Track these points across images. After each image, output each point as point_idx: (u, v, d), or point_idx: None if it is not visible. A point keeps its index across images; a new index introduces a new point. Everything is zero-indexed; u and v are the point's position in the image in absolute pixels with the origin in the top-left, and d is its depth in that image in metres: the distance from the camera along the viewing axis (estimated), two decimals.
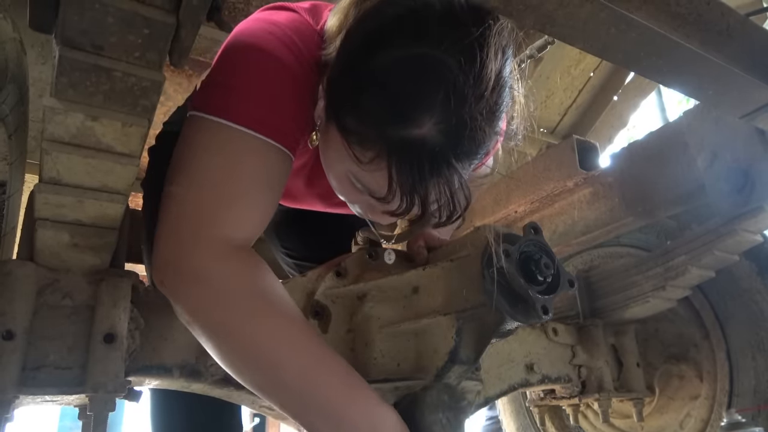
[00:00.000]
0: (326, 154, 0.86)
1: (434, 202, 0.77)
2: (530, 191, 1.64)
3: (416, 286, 1.00)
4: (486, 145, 0.77)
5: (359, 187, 0.81)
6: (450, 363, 0.93)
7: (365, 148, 0.74)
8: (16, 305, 0.84)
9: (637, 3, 0.65)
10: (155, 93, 0.60)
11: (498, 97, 0.75)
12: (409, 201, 0.75)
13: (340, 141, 0.77)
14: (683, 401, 1.55)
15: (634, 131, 3.63)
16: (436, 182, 0.74)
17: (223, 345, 0.81)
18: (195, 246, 0.79)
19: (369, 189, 0.79)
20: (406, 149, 0.72)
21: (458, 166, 0.74)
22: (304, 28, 0.87)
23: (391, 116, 0.72)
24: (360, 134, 0.74)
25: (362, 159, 0.75)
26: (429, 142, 0.72)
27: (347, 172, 0.81)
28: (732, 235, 1.23)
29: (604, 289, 1.54)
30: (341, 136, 0.77)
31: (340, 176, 0.84)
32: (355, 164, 0.76)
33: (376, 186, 0.78)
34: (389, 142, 0.72)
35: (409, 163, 0.73)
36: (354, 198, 0.87)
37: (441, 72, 0.70)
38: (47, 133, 0.61)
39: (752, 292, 1.41)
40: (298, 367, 0.79)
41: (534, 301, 0.83)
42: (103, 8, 0.51)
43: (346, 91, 0.76)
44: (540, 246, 0.89)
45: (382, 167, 0.74)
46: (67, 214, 0.75)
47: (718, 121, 1.24)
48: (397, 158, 0.73)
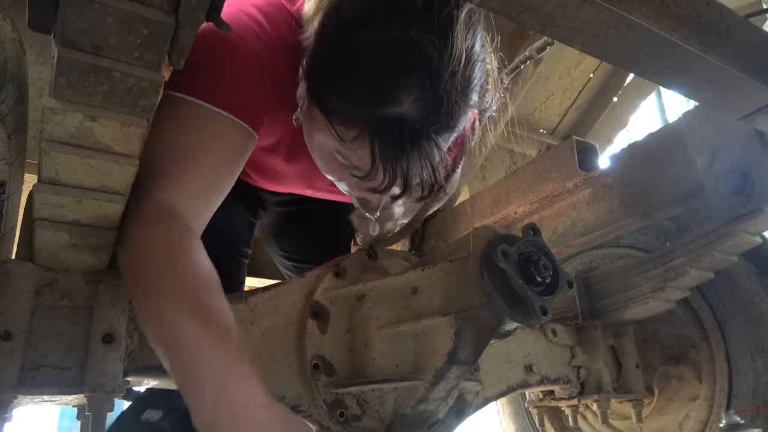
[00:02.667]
0: (310, 134, 0.89)
1: (416, 176, 0.80)
2: (530, 192, 1.64)
3: (415, 287, 1.00)
4: (462, 118, 0.81)
5: (345, 163, 0.84)
6: (449, 364, 0.93)
7: (348, 127, 0.78)
8: (14, 305, 0.84)
9: (636, 4, 0.65)
10: (154, 93, 0.60)
11: (471, 73, 0.79)
12: (392, 176, 0.79)
13: (323, 121, 0.81)
14: (682, 402, 1.55)
15: (633, 132, 3.63)
16: (417, 157, 0.78)
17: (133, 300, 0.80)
18: (134, 211, 0.79)
19: (353, 166, 0.83)
20: (387, 127, 0.76)
21: (437, 140, 0.79)
22: (276, 11, 0.91)
23: (371, 96, 0.76)
24: (342, 114, 0.78)
25: (345, 138, 0.79)
26: (408, 118, 0.76)
27: (332, 150, 0.84)
28: (731, 236, 1.23)
29: (603, 290, 1.54)
30: (324, 116, 0.80)
31: (325, 154, 0.87)
32: (339, 143, 0.80)
33: (359, 162, 0.81)
34: (370, 120, 0.76)
35: (390, 140, 0.76)
36: (340, 175, 0.89)
37: (416, 52, 0.74)
38: (46, 133, 0.61)
39: (751, 294, 1.41)
40: (175, 330, 0.73)
41: (533, 302, 0.83)
42: (102, 8, 0.51)
43: (326, 73, 0.79)
44: (539, 247, 0.89)
45: (364, 145, 0.78)
46: (65, 214, 0.75)
47: (718, 122, 1.24)
48: (378, 136, 0.76)
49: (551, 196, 1.60)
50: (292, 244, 1.53)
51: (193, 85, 0.84)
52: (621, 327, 1.53)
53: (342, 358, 1.05)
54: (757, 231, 1.24)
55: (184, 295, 0.74)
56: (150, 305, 0.76)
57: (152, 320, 0.76)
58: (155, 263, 0.78)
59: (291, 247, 1.54)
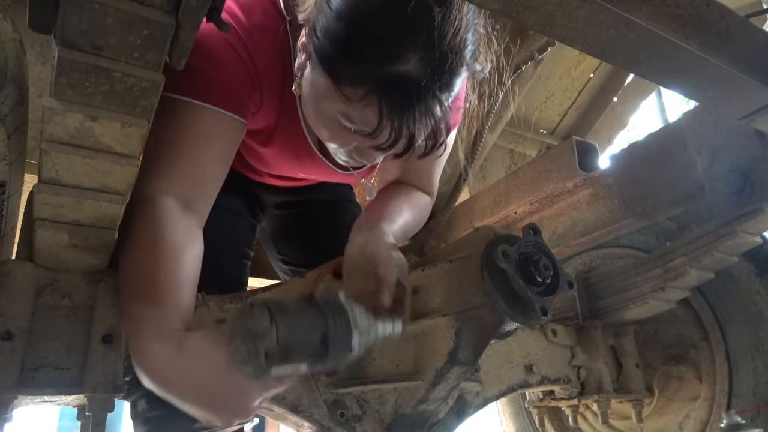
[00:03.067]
0: (314, 101, 0.91)
1: (420, 132, 0.85)
2: (530, 192, 1.64)
3: (415, 287, 1.00)
4: (461, 78, 0.86)
5: (349, 126, 0.87)
6: (449, 364, 0.93)
7: (355, 87, 0.81)
8: (14, 305, 0.84)
9: (636, 4, 0.65)
10: (154, 94, 0.60)
11: (467, 34, 0.84)
12: (398, 133, 0.83)
13: (330, 85, 0.84)
14: (682, 402, 1.55)
15: (633, 132, 3.63)
16: (422, 114, 0.83)
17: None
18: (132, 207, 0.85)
19: (359, 126, 0.86)
20: (394, 85, 0.80)
21: (440, 97, 0.83)
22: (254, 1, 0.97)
23: (379, 55, 0.79)
24: (350, 75, 0.82)
25: (352, 98, 0.82)
26: (414, 76, 0.80)
27: (337, 113, 0.87)
28: (731, 236, 1.23)
29: (603, 291, 1.54)
30: (331, 79, 0.83)
31: (329, 120, 0.89)
32: (345, 104, 0.84)
33: (365, 122, 0.84)
34: (378, 79, 0.80)
35: (398, 97, 0.80)
36: (343, 140, 0.91)
37: (422, 12, 0.78)
38: (46, 133, 0.61)
39: (751, 293, 1.41)
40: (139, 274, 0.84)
41: (533, 302, 0.83)
42: (102, 9, 0.51)
43: (334, 37, 0.82)
44: (539, 247, 0.89)
45: (372, 103, 0.81)
46: (66, 214, 0.75)
47: (718, 122, 1.24)
48: (386, 94, 0.80)
49: (551, 196, 1.60)
50: (290, 248, 1.54)
51: (178, 83, 0.88)
52: (621, 327, 1.53)
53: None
54: (757, 231, 1.24)
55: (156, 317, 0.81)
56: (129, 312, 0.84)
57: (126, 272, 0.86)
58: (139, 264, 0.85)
59: (288, 251, 1.55)
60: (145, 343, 0.79)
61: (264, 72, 0.97)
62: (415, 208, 1.16)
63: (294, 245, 1.53)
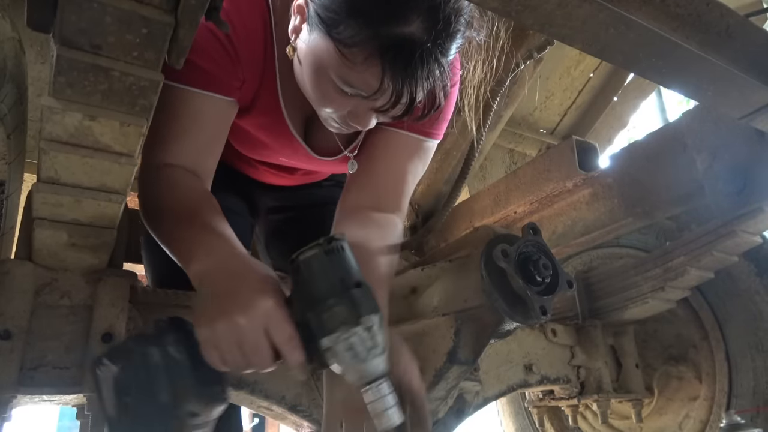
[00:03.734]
0: (309, 65, 0.91)
1: (420, 95, 0.85)
2: (530, 192, 1.64)
3: (415, 287, 1.00)
4: (459, 42, 0.87)
5: (346, 89, 0.87)
6: (449, 363, 0.93)
7: (358, 49, 0.81)
8: (13, 305, 0.84)
9: (636, 3, 0.65)
10: (153, 92, 0.60)
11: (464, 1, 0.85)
12: (399, 95, 0.83)
13: (330, 47, 0.84)
14: (682, 402, 1.55)
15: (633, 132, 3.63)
16: (423, 76, 0.83)
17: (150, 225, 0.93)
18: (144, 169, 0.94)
19: (357, 89, 0.86)
20: (398, 46, 0.80)
21: (441, 60, 0.84)
22: None
23: (384, 16, 0.80)
24: (353, 37, 0.81)
25: (354, 60, 0.82)
26: (417, 38, 0.80)
27: (335, 76, 0.87)
28: (731, 236, 1.23)
29: (603, 290, 1.54)
30: (332, 41, 0.83)
31: (325, 83, 0.89)
32: (346, 67, 0.83)
33: (365, 85, 0.85)
34: (382, 40, 0.80)
35: (401, 59, 0.81)
36: (338, 104, 0.91)
37: None
38: (45, 132, 0.61)
39: (751, 293, 1.41)
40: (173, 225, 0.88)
41: (532, 302, 0.83)
42: (101, 8, 0.51)
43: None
44: (539, 247, 0.89)
45: (374, 64, 0.81)
46: (65, 213, 0.75)
47: (718, 122, 1.24)
48: (389, 55, 0.80)
49: (551, 195, 1.60)
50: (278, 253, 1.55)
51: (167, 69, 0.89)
52: (621, 327, 1.53)
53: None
54: (757, 231, 1.24)
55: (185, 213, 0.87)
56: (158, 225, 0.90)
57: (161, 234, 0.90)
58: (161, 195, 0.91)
59: (276, 255, 1.55)
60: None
61: (243, 46, 0.97)
62: (392, 251, 1.05)
63: (283, 251, 1.53)
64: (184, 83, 0.93)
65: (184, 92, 0.94)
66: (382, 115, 0.92)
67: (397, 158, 1.13)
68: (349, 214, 1.09)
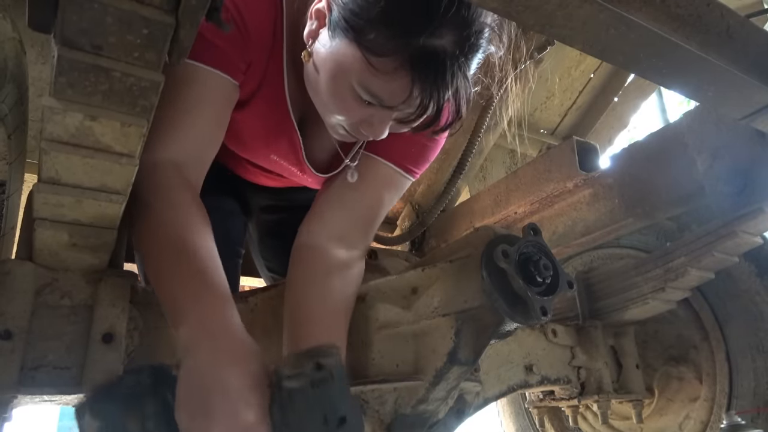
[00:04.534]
0: (328, 71, 0.90)
1: (445, 107, 0.86)
2: (530, 192, 1.64)
3: (415, 287, 1.00)
4: (480, 58, 0.88)
5: (366, 98, 0.87)
6: (449, 364, 0.93)
7: (388, 58, 0.81)
8: (14, 305, 0.84)
9: (636, 4, 0.65)
10: (154, 93, 0.60)
11: (489, 15, 0.86)
12: (425, 106, 0.84)
13: (356, 54, 0.83)
14: (682, 403, 1.55)
15: (634, 132, 3.63)
16: (451, 88, 0.84)
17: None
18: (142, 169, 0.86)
19: (380, 98, 0.86)
20: (429, 58, 0.81)
21: (467, 74, 0.85)
22: None
23: (418, 27, 0.80)
24: (384, 45, 0.81)
25: (381, 69, 0.82)
26: (448, 51, 0.81)
27: (356, 84, 0.86)
28: (731, 236, 1.23)
29: (603, 291, 1.54)
30: (360, 49, 0.83)
31: (343, 90, 0.88)
32: (371, 74, 0.83)
33: (390, 94, 0.85)
34: (413, 51, 0.80)
35: (432, 71, 0.81)
36: (354, 112, 0.90)
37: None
38: (46, 132, 0.61)
39: (751, 294, 1.41)
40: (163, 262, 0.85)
41: (533, 302, 0.83)
42: (102, 8, 0.51)
43: (367, 5, 0.82)
44: (539, 247, 0.89)
45: (403, 75, 0.82)
46: (65, 213, 0.75)
47: (719, 122, 1.24)
48: (420, 66, 0.81)
49: (551, 196, 1.60)
50: (274, 254, 1.55)
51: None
52: (621, 327, 1.53)
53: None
54: (757, 231, 1.24)
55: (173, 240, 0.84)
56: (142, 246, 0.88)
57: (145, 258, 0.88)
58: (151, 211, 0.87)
59: (272, 257, 1.55)
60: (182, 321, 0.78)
61: (254, 31, 0.96)
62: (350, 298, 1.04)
63: (277, 252, 1.53)
64: (191, 58, 0.90)
65: (189, 68, 0.90)
66: (403, 125, 0.92)
67: (375, 187, 1.12)
68: (312, 254, 1.07)
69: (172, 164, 0.91)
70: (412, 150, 1.14)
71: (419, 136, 1.13)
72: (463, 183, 2.01)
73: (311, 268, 1.05)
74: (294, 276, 1.06)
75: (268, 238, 1.55)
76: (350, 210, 1.12)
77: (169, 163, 0.91)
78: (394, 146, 1.12)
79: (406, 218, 2.12)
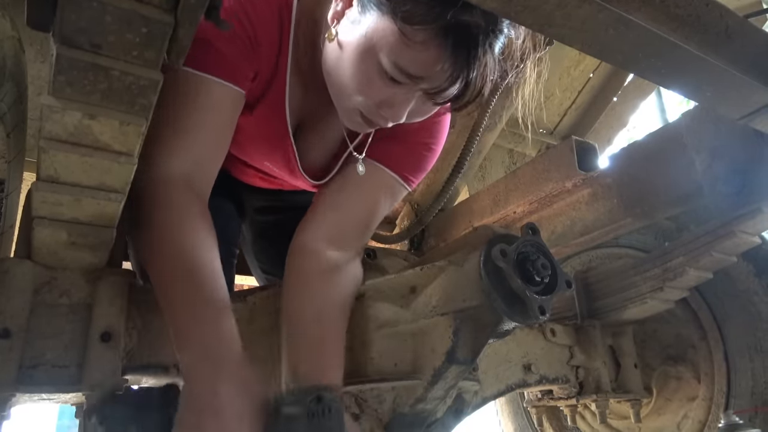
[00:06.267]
0: (355, 47, 0.90)
1: (473, 81, 0.87)
2: (529, 192, 1.64)
3: (414, 286, 1.00)
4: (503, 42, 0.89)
5: (392, 74, 0.87)
6: (447, 363, 0.93)
7: (423, 27, 0.82)
8: (13, 303, 0.84)
9: (635, 4, 0.65)
10: (153, 92, 0.60)
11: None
12: (454, 78, 0.85)
13: (390, 26, 0.84)
14: (681, 402, 1.55)
15: (633, 132, 3.63)
16: (480, 63, 0.85)
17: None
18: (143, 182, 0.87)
19: (408, 71, 0.86)
20: (463, 30, 0.82)
21: (494, 54, 0.87)
22: None
23: (459, 1, 0.80)
24: (421, 15, 0.82)
25: (415, 38, 0.83)
26: (479, 26, 0.83)
27: (386, 58, 0.86)
28: (730, 236, 1.23)
29: (602, 290, 1.54)
30: (394, 20, 0.84)
31: (370, 67, 0.89)
32: (405, 45, 0.84)
33: (421, 65, 0.85)
34: (449, 22, 0.81)
35: (465, 43, 0.83)
36: (377, 90, 0.90)
37: None
38: (45, 131, 0.61)
39: (750, 294, 1.41)
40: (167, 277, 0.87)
41: (531, 302, 0.83)
42: (101, 7, 0.51)
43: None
44: (538, 246, 0.89)
45: (434, 46, 0.83)
46: (64, 212, 0.75)
47: (717, 122, 1.24)
48: (454, 38, 0.82)
49: (550, 195, 1.60)
50: (266, 256, 1.55)
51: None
52: (620, 327, 1.53)
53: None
54: (756, 231, 1.24)
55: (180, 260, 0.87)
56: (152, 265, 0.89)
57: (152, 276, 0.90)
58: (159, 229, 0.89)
59: (266, 258, 1.55)
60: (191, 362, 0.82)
61: (263, 38, 0.96)
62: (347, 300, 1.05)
63: (271, 253, 1.53)
64: (198, 68, 0.90)
65: (198, 79, 0.90)
66: (428, 98, 0.91)
67: (372, 192, 1.13)
68: (308, 257, 1.08)
69: (183, 178, 0.92)
70: (410, 159, 1.15)
71: (417, 145, 1.14)
72: (462, 182, 2.01)
73: (307, 272, 1.06)
74: (290, 280, 1.06)
75: (263, 239, 1.54)
76: (346, 213, 1.12)
77: (179, 177, 0.91)
78: (392, 154, 1.13)
79: (405, 217, 2.12)
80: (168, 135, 0.91)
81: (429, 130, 1.12)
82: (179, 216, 0.90)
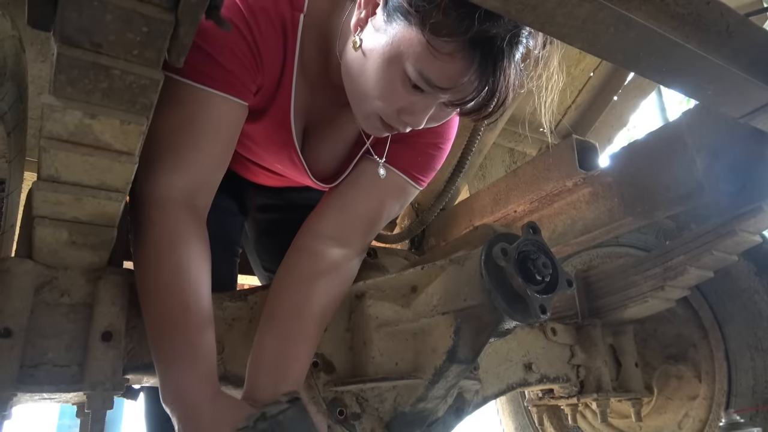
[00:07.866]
0: (379, 55, 0.90)
1: (497, 92, 0.88)
2: (529, 191, 1.64)
3: (414, 285, 1.00)
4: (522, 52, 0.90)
5: (417, 82, 0.88)
6: (448, 362, 0.93)
7: (451, 39, 0.83)
8: (14, 303, 0.84)
9: (636, 3, 0.65)
10: (153, 91, 0.60)
11: None
12: (479, 90, 0.87)
13: (417, 36, 0.85)
14: (681, 401, 1.55)
15: (634, 131, 3.63)
16: (505, 75, 0.86)
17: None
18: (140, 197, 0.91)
19: (433, 82, 0.87)
20: (489, 43, 0.83)
21: (517, 64, 0.89)
22: None
23: (483, 12, 0.80)
24: (449, 27, 0.82)
25: (442, 50, 0.83)
26: (504, 38, 0.84)
27: (411, 67, 0.87)
28: (731, 235, 1.23)
29: (602, 289, 1.54)
30: (422, 30, 0.84)
31: (393, 76, 0.89)
32: (431, 56, 0.84)
33: (445, 78, 0.86)
34: (476, 35, 0.82)
35: (491, 56, 0.84)
36: (399, 97, 0.91)
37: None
38: (45, 130, 0.61)
39: (751, 292, 1.41)
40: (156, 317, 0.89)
41: (532, 301, 0.83)
42: (101, 6, 0.51)
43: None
44: (538, 245, 0.89)
45: (461, 58, 0.84)
46: (65, 211, 0.75)
47: (718, 121, 1.24)
48: (481, 50, 0.83)
49: (551, 194, 1.60)
50: (268, 254, 1.55)
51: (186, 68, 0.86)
52: (620, 326, 1.53)
53: (341, 357, 1.05)
54: (756, 230, 1.24)
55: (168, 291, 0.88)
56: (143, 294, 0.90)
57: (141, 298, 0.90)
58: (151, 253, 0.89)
59: (267, 256, 1.55)
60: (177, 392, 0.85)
61: (266, 51, 0.96)
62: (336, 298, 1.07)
63: (274, 251, 1.53)
64: (202, 82, 0.89)
65: (201, 94, 0.90)
66: (451, 108, 0.93)
67: (381, 193, 1.13)
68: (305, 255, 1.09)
69: (184, 195, 0.92)
70: (419, 159, 1.15)
71: (426, 146, 1.15)
72: (462, 181, 2.00)
73: (299, 268, 1.07)
74: (279, 276, 1.07)
75: (265, 237, 1.54)
76: (352, 212, 1.13)
77: (180, 195, 0.92)
78: (402, 155, 1.13)
79: (405, 216, 2.12)
80: (170, 151, 0.90)
81: (438, 129, 1.12)
82: (170, 239, 0.90)
